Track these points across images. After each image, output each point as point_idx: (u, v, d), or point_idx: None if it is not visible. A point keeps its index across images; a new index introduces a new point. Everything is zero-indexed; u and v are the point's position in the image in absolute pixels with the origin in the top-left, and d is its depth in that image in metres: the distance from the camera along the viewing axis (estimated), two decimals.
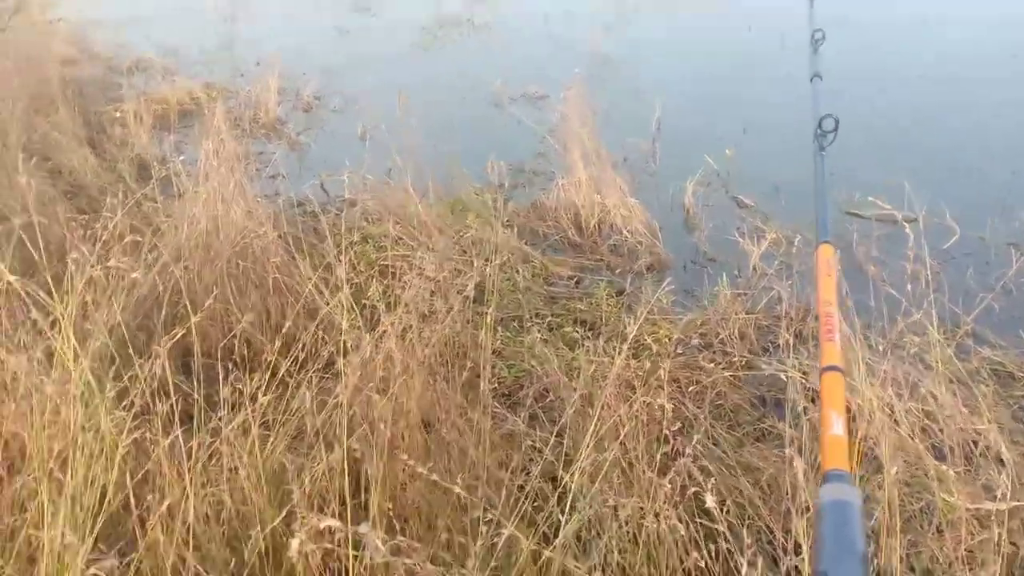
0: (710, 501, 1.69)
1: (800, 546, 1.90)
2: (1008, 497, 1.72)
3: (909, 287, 2.45)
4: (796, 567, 1.90)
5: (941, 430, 2.32)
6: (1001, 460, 2.14)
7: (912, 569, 1.98)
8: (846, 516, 0.79)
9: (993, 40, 7.56)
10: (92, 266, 2.37)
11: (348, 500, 1.81)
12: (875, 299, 2.83)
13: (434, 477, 1.45)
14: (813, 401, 2.51)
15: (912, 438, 2.22)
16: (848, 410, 2.36)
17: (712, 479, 1.85)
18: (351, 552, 1.53)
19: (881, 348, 2.48)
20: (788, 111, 6.04)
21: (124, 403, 1.97)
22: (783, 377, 2.68)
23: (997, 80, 6.45)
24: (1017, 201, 4.15)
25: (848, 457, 0.88)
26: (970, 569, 1.88)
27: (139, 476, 1.86)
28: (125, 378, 2.04)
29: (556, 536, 1.88)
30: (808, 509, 1.92)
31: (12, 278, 2.11)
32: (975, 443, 2.25)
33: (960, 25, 8.20)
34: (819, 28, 2.13)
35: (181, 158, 3.88)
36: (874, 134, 5.32)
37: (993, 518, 1.77)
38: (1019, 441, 2.42)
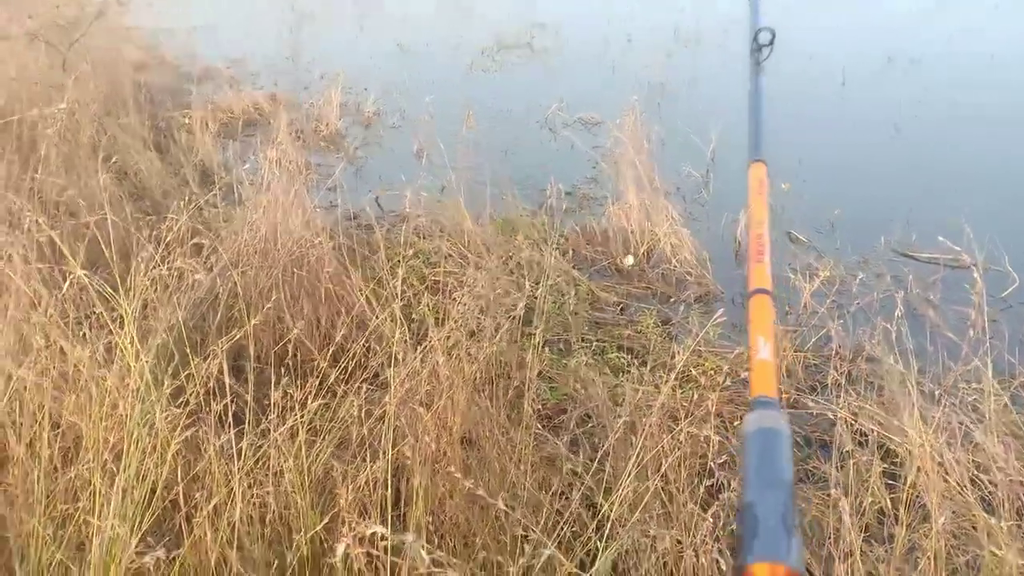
0: None
1: None
2: None
3: (969, 333, 2.40)
4: None
5: (992, 482, 2.26)
6: None
7: None
8: (772, 444, 0.76)
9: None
10: (157, 265, 2.45)
11: (389, 510, 1.84)
12: (931, 343, 2.79)
13: (480, 492, 1.46)
14: (860, 445, 2.47)
15: (961, 489, 2.17)
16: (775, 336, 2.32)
17: None
18: (390, 559, 1.55)
19: (935, 395, 2.43)
20: (851, 150, 6.00)
21: (179, 401, 2.03)
22: (830, 416, 2.65)
23: None
24: None
25: (776, 383, 0.85)
26: None
27: (190, 474, 1.91)
28: (182, 376, 2.10)
29: (592, 564, 1.88)
30: (851, 554, 1.89)
31: (81, 272, 2.20)
32: None
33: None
34: None
35: (244, 166, 3.97)
36: (932, 173, 5.22)
37: None
38: None
